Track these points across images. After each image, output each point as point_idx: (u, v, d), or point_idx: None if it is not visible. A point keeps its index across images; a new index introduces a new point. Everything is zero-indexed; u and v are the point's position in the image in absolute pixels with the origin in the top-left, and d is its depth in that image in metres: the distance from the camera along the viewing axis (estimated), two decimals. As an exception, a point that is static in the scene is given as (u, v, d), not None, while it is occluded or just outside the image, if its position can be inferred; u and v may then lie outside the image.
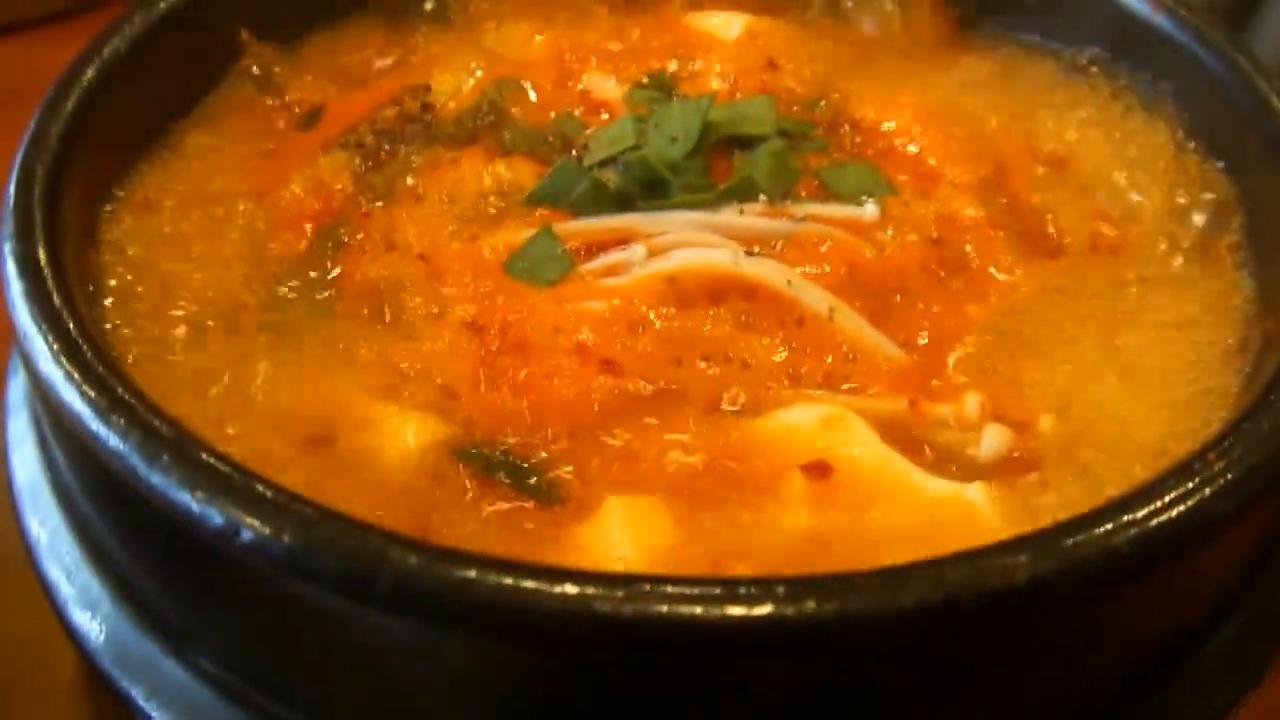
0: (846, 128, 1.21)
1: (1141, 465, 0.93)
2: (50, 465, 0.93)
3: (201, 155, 1.16)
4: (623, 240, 1.04)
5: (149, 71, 1.11)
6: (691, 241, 1.03)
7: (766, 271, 1.00)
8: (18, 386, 1.00)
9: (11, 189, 0.94)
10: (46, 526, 0.91)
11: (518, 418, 0.92)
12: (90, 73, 1.05)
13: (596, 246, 1.05)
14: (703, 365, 0.96)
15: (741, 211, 1.06)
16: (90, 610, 0.86)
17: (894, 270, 1.05)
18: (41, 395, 0.85)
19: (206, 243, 1.07)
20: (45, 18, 1.92)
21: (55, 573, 0.89)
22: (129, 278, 1.02)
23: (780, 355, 0.98)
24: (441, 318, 0.99)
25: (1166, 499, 0.74)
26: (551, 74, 1.26)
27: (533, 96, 1.24)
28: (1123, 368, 1.01)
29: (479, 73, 1.26)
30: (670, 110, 1.15)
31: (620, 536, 0.83)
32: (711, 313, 0.99)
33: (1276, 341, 0.98)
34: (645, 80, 1.25)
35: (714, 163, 1.12)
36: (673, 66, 1.28)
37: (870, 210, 1.08)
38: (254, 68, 1.24)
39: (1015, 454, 0.94)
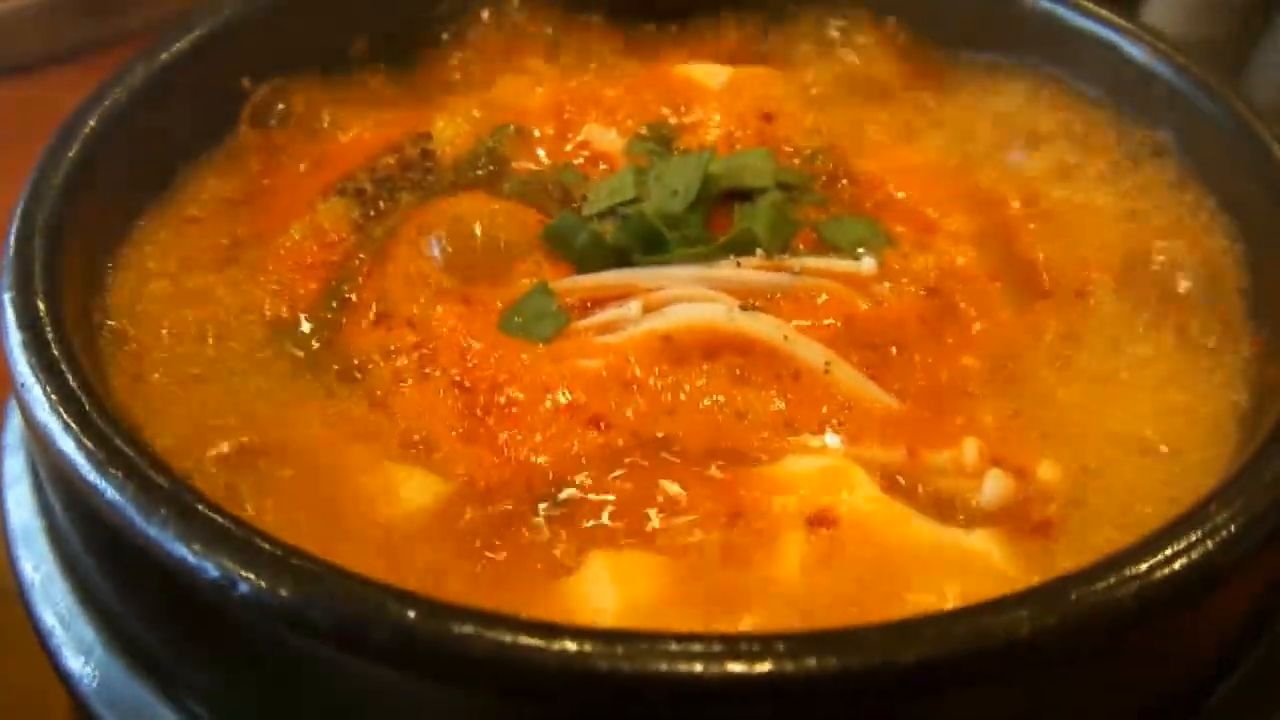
0: (844, 180, 1.21)
1: (1145, 508, 0.93)
2: (45, 511, 0.93)
3: (203, 201, 1.17)
4: (619, 296, 1.04)
5: (150, 121, 1.12)
6: (687, 297, 1.03)
7: (761, 326, 1.00)
8: (14, 427, 1.00)
9: (12, 239, 0.95)
10: (40, 571, 0.91)
11: (508, 475, 0.92)
12: (91, 122, 1.06)
13: (593, 302, 1.05)
14: (699, 417, 0.96)
15: (739, 265, 1.06)
16: (84, 655, 0.86)
17: (891, 322, 1.05)
18: (39, 445, 0.85)
19: (207, 292, 1.07)
20: (56, 57, 1.92)
21: (49, 617, 0.89)
22: (129, 326, 1.03)
23: (777, 406, 0.97)
24: (436, 379, 0.99)
25: (1169, 551, 0.74)
26: (552, 125, 1.26)
27: (536, 149, 1.24)
28: (1122, 413, 1.01)
29: (480, 121, 1.26)
30: (671, 163, 1.16)
31: (605, 591, 0.83)
32: (706, 368, 0.99)
33: (1278, 389, 0.98)
34: (644, 132, 1.25)
35: (713, 215, 1.13)
36: (672, 119, 1.28)
37: (867, 264, 1.08)
38: (254, 115, 1.25)
39: (1018, 499, 0.94)
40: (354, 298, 1.06)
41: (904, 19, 1.39)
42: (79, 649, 0.86)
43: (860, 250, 1.10)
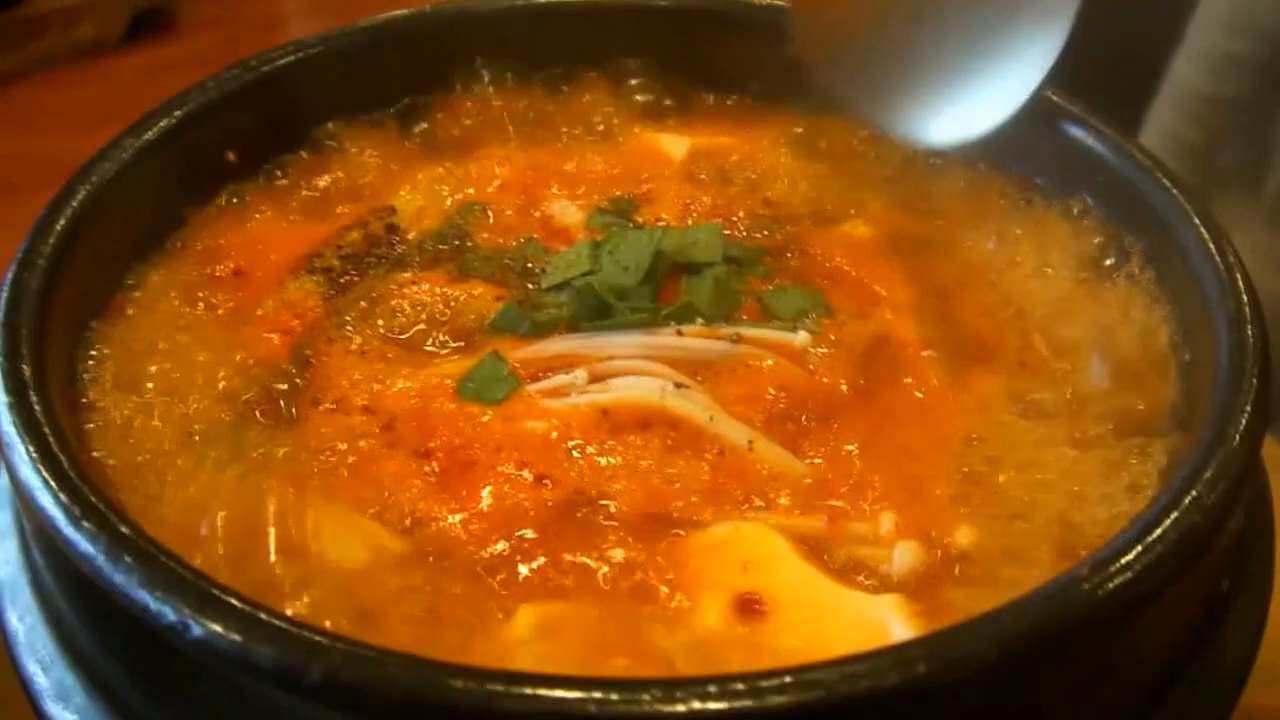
0: (793, 252, 1.28)
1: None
2: (30, 565, 1.00)
3: (182, 273, 1.24)
4: (570, 363, 1.12)
5: (136, 193, 1.19)
6: (629, 370, 1.10)
7: (688, 407, 1.07)
8: (2, 487, 1.07)
9: (2, 306, 1.02)
10: (25, 622, 0.97)
11: (455, 529, 1.00)
12: (81, 193, 1.13)
13: (544, 368, 1.12)
14: (634, 481, 1.03)
15: (679, 333, 1.14)
16: (63, 701, 0.92)
17: (821, 391, 1.11)
18: (22, 499, 0.92)
19: (185, 360, 1.14)
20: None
21: (32, 666, 0.95)
22: (110, 389, 1.10)
23: (706, 475, 1.04)
24: (393, 439, 1.06)
25: (1033, 610, 0.80)
26: (516, 199, 1.34)
27: (501, 223, 1.32)
28: (1045, 487, 1.06)
29: (445, 196, 1.34)
30: (626, 239, 1.23)
31: (531, 642, 0.90)
32: (640, 439, 1.06)
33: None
34: (606, 205, 1.33)
35: (664, 286, 1.20)
36: (633, 190, 1.36)
37: (801, 336, 1.14)
38: (233, 195, 1.33)
39: (929, 568, 1.00)
40: (317, 373, 1.13)
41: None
42: (59, 694, 0.92)
43: (803, 320, 1.17)
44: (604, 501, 1.02)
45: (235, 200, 1.33)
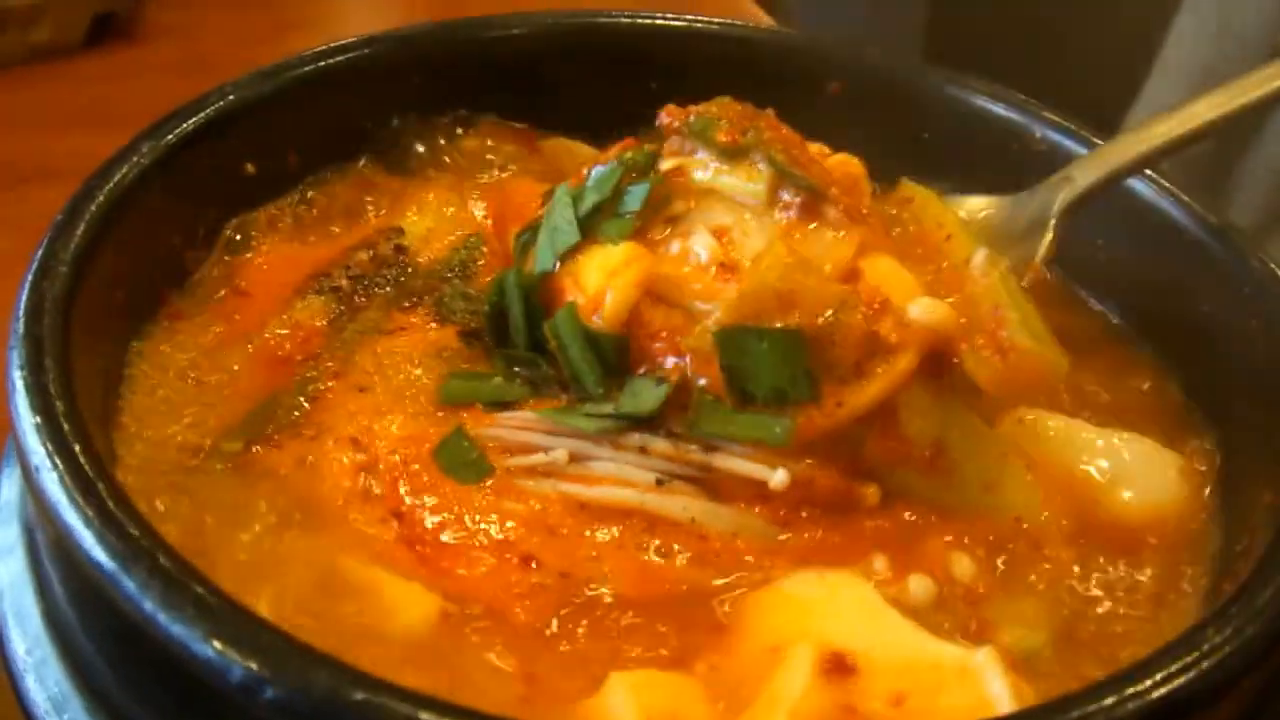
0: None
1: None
2: (42, 590, 0.92)
3: (204, 289, 1.19)
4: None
5: (154, 205, 1.12)
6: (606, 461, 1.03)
7: (671, 509, 1.01)
8: (8, 500, 1.00)
9: (21, 315, 0.94)
10: (34, 656, 0.90)
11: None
12: (99, 199, 1.06)
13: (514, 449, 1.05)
14: (624, 561, 0.99)
15: (643, 450, 1.03)
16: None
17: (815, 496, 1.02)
18: (50, 531, 0.85)
19: (204, 381, 1.10)
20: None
21: (42, 701, 0.88)
22: (134, 412, 1.05)
23: (689, 557, 1.00)
24: (374, 495, 1.01)
25: (1148, 682, 0.77)
26: (516, 225, 1.25)
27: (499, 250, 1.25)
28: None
29: (451, 219, 1.28)
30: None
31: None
32: (619, 527, 1.00)
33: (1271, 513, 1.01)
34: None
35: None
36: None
37: (779, 478, 1.00)
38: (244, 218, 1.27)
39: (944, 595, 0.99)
40: (318, 411, 1.07)
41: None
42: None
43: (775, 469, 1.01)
44: (598, 581, 0.97)
45: (243, 224, 1.26)
